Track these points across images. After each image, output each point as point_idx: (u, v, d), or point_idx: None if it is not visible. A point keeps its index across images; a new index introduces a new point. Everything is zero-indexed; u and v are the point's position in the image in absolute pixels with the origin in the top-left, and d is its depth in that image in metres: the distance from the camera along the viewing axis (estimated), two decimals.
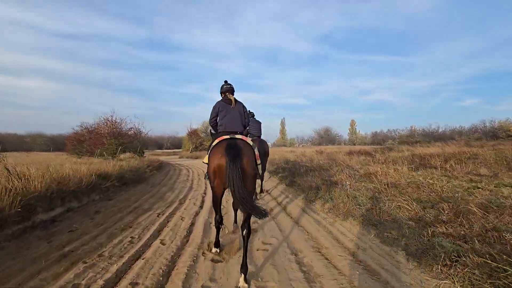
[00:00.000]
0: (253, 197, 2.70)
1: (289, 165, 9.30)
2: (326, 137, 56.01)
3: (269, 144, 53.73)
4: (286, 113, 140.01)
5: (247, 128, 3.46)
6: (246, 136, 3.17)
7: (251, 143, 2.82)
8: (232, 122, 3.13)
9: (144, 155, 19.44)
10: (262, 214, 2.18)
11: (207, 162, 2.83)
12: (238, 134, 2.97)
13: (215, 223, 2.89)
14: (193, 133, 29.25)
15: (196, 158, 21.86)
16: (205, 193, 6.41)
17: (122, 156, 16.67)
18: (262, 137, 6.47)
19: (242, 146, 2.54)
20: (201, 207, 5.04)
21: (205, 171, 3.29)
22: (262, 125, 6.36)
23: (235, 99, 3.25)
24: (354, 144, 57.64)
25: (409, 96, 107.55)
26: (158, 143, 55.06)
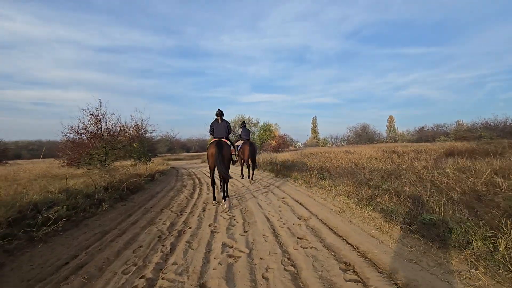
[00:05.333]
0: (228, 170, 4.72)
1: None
2: (364, 135, 47.86)
3: (299, 144, 51.05)
4: (315, 112, 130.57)
5: (230, 134, 5.37)
6: (228, 139, 5.09)
7: (229, 142, 4.95)
8: (219, 132, 5.08)
9: (152, 160, 14.49)
10: (229, 177, 4.45)
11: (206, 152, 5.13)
12: (222, 138, 4.93)
13: (212, 185, 4.78)
14: None
15: None
16: None
17: (117, 163, 11.83)
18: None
19: (223, 143, 4.63)
20: None
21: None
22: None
23: (221, 119, 5.16)
24: (396, 142, 48.72)
25: (450, 89, 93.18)
26: (186, 146, 51.34)
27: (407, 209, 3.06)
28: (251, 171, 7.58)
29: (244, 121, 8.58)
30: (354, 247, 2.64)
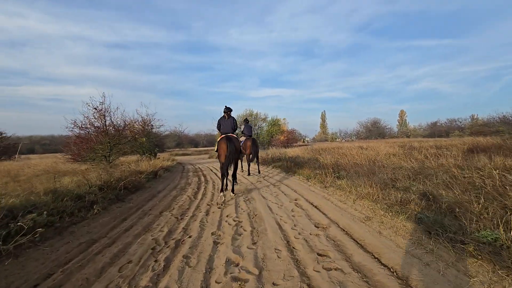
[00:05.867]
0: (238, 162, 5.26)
1: None
2: (375, 130, 46.45)
3: (308, 139, 50.57)
4: (324, 107, 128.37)
5: (237, 130, 6.02)
6: (235, 134, 5.20)
7: (235, 136, 5.02)
8: (226, 128, 5.20)
9: (158, 156, 14.18)
10: (236, 168, 5.11)
11: (216, 149, 4.95)
12: (229, 134, 5.04)
13: (222, 177, 4.71)
14: None
15: None
16: None
17: (122, 159, 11.53)
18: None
19: (232, 138, 4.82)
20: None
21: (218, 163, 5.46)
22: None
23: (229, 115, 5.25)
24: (408, 137, 47.05)
25: (464, 83, 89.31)
26: (195, 141, 51.50)
27: (456, 222, 2.45)
28: (254, 166, 7.77)
29: (247, 118, 8.90)
30: (391, 270, 2.08)
